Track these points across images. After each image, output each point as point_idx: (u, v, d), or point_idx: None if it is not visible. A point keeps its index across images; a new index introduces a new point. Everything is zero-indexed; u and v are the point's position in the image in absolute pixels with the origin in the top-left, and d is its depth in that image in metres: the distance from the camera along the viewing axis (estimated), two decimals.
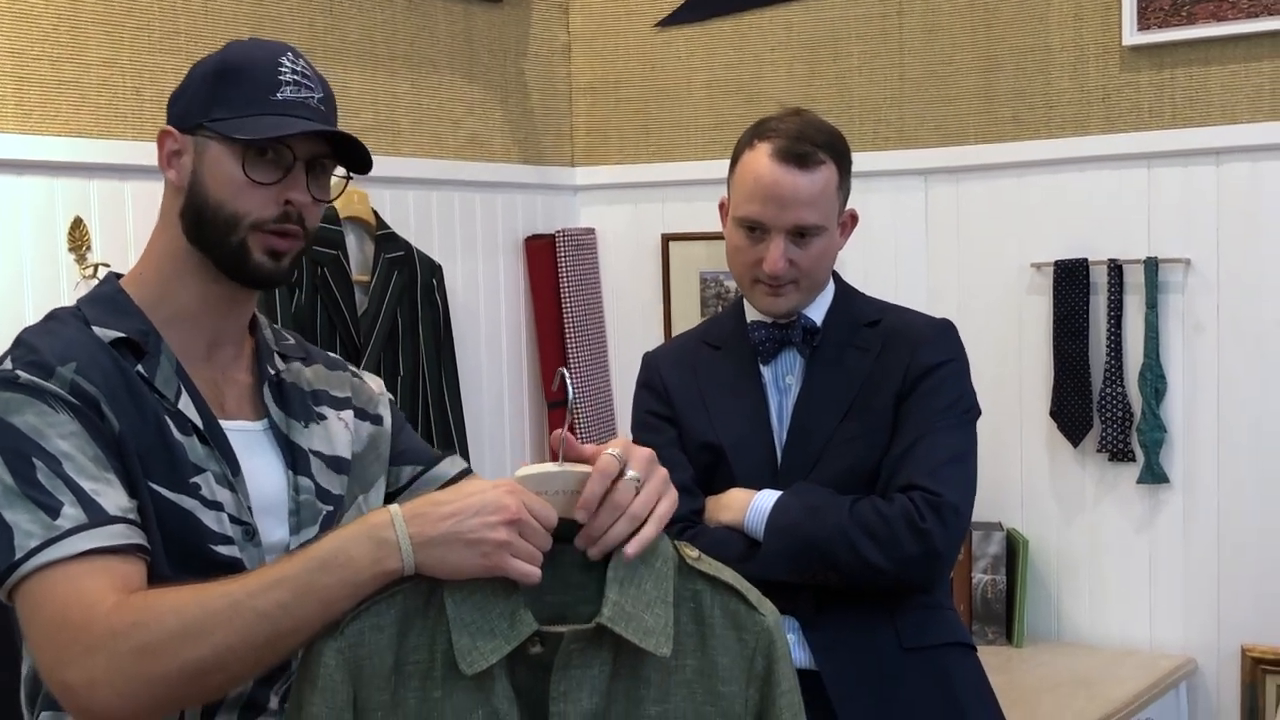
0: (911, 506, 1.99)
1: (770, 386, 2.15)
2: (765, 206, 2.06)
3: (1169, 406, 3.20)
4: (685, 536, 2.05)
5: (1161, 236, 3.20)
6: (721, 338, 2.22)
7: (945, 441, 2.06)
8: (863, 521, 1.99)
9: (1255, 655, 3.10)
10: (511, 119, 3.67)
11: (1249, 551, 3.14)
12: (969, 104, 3.40)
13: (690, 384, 2.18)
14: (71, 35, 2.70)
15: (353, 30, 3.24)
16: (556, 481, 1.41)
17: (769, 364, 2.16)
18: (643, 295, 3.80)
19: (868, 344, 2.13)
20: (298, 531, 1.59)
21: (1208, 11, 3.09)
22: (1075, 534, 3.33)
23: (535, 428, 3.74)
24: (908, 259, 3.48)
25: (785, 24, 3.60)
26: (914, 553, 1.98)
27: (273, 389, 1.65)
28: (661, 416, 2.18)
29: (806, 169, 2.07)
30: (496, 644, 1.33)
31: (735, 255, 2.14)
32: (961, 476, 2.07)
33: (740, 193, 2.11)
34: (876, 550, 1.98)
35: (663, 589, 1.38)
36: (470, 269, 3.54)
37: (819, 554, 2.00)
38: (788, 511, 2.02)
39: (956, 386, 2.12)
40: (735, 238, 2.12)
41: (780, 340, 2.15)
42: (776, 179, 2.06)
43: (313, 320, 3.04)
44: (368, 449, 1.71)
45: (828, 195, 2.10)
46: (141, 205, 2.80)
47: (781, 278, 2.08)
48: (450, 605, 1.35)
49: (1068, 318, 3.26)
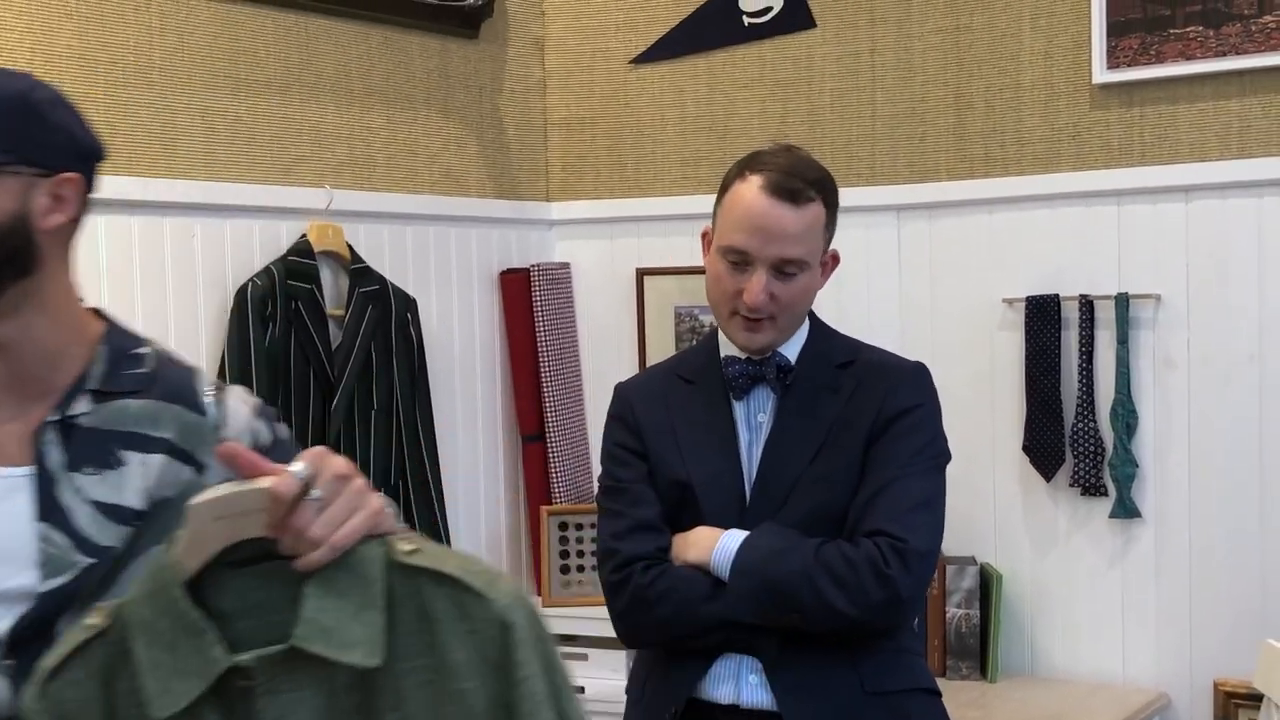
0: (877, 552, 1.98)
1: (741, 424, 2.15)
2: (751, 237, 2.05)
3: (1140, 441, 3.21)
4: (650, 573, 2.06)
5: (1132, 272, 3.22)
6: (694, 371, 2.21)
7: (914, 487, 2.05)
8: (828, 565, 1.98)
9: (1227, 689, 3.11)
10: (487, 154, 3.68)
11: (1221, 585, 3.15)
12: (941, 141, 3.43)
13: (661, 418, 2.17)
14: (45, 69, 2.70)
15: (328, 65, 3.24)
16: (240, 503, 1.29)
17: (741, 400, 2.15)
18: (618, 329, 3.80)
19: (840, 385, 2.12)
20: (45, 580, 1.52)
21: (1176, 50, 3.12)
22: (1048, 568, 3.34)
23: (510, 462, 3.73)
24: (880, 294, 3.50)
25: (758, 61, 3.62)
26: (878, 599, 1.97)
27: (59, 432, 1.57)
28: (631, 450, 2.17)
29: (796, 204, 2.06)
30: (190, 684, 1.25)
31: (716, 285, 2.12)
32: (929, 522, 2.06)
33: (727, 222, 2.10)
34: (840, 595, 1.97)
35: (370, 594, 1.28)
36: (445, 303, 3.54)
37: (783, 596, 1.99)
38: (753, 552, 2.01)
39: (927, 431, 2.11)
40: (717, 267, 2.11)
41: (753, 376, 2.14)
42: (765, 211, 2.05)
43: (286, 354, 3.03)
44: (180, 496, 1.53)
45: (814, 233, 2.09)
46: (115, 239, 2.80)
47: (761, 311, 2.07)
48: (139, 649, 1.27)
49: (1039, 353, 3.28)
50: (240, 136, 3.05)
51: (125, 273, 2.82)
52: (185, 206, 2.92)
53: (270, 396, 2.98)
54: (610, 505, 2.16)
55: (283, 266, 3.04)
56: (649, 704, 2.13)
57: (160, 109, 2.89)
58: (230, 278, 3.00)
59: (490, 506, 3.67)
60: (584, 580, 3.57)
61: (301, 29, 3.18)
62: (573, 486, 3.71)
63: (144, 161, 2.85)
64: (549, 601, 3.55)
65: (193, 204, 2.93)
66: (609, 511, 2.16)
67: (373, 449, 3.20)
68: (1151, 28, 3.14)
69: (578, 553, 3.58)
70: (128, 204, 2.82)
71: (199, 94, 2.96)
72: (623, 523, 2.12)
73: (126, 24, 2.83)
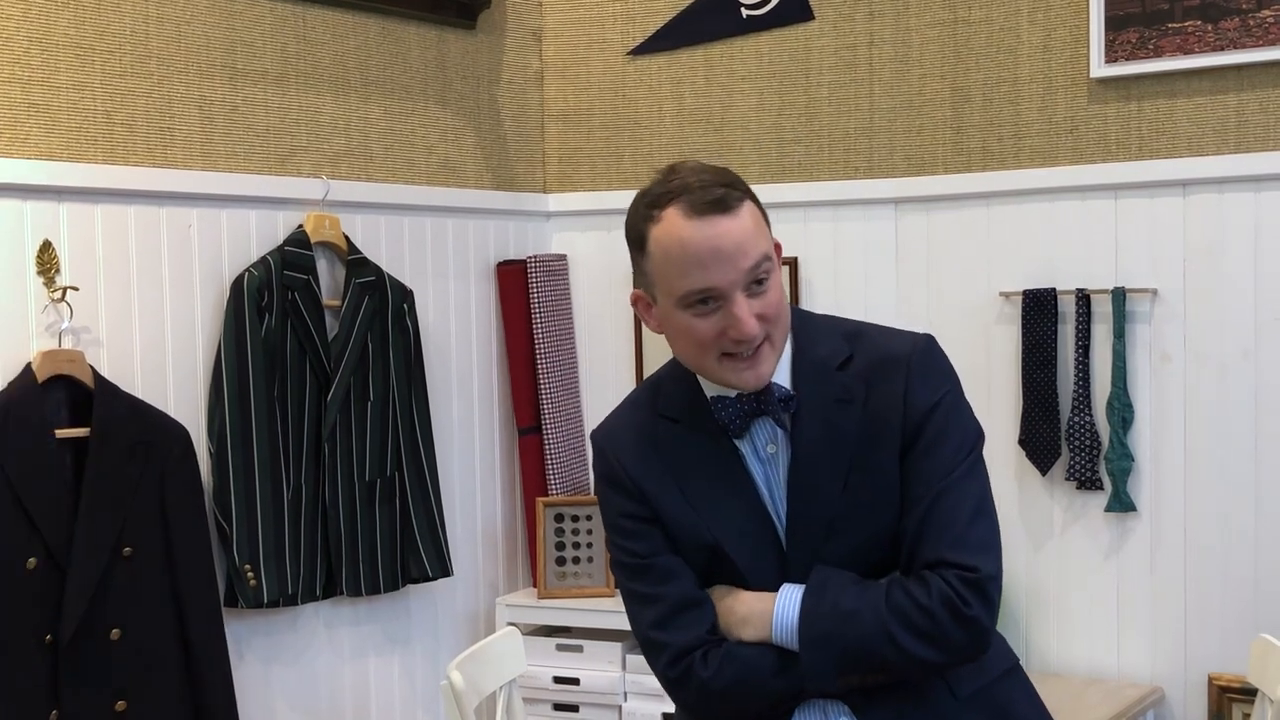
0: (950, 591, 1.82)
1: (751, 459, 1.92)
2: (709, 271, 1.79)
3: (1136, 435, 3.22)
4: (711, 663, 1.88)
5: (1129, 267, 3.22)
6: (678, 409, 1.95)
7: (964, 497, 1.88)
8: (904, 617, 1.82)
9: (1222, 684, 3.12)
10: (484, 145, 3.68)
11: (1216, 580, 3.16)
12: (939, 134, 3.43)
13: (660, 471, 1.93)
14: (43, 58, 2.70)
15: (325, 55, 3.24)
16: None
17: (742, 437, 1.92)
18: (614, 321, 3.80)
19: (850, 392, 1.90)
20: None
21: (1174, 45, 3.12)
22: (1043, 562, 3.35)
23: (505, 453, 3.73)
24: (878, 287, 3.50)
25: (756, 54, 3.62)
26: (962, 640, 1.84)
27: None
28: (640, 519, 1.94)
29: (730, 211, 1.81)
30: None
31: (688, 338, 1.85)
32: (988, 533, 1.90)
33: (671, 271, 1.82)
34: (924, 646, 1.82)
35: None
36: (441, 294, 3.53)
37: (864, 660, 1.83)
38: (820, 621, 1.84)
39: (958, 423, 1.93)
40: (682, 321, 1.84)
41: (750, 413, 1.90)
42: (706, 235, 1.79)
43: (283, 344, 3.03)
44: None
45: (760, 229, 1.85)
46: (111, 228, 2.80)
47: (756, 338, 1.83)
48: None
49: (1036, 347, 3.28)
50: (237, 126, 3.04)
51: (122, 262, 2.82)
52: (182, 196, 2.92)
53: (266, 387, 2.98)
54: (637, 588, 1.94)
55: (279, 257, 3.03)
56: None
57: (157, 98, 2.88)
58: (227, 268, 3.00)
59: (486, 498, 3.67)
60: (580, 572, 3.57)
61: (299, 19, 3.17)
62: (569, 478, 3.71)
63: (141, 151, 2.85)
64: (544, 594, 3.56)
65: (189, 194, 2.93)
66: (638, 596, 1.94)
67: (369, 440, 3.20)
68: (1150, 22, 3.14)
69: (573, 545, 3.59)
70: (124, 193, 2.82)
71: (196, 84, 2.96)
72: (660, 609, 1.91)
73: (124, 13, 2.83)
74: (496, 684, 2.65)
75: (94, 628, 2.61)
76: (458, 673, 2.46)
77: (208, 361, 2.96)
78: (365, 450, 3.19)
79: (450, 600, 3.53)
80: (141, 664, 2.68)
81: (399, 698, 3.40)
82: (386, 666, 3.37)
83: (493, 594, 3.66)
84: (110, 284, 2.80)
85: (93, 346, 2.75)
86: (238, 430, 2.93)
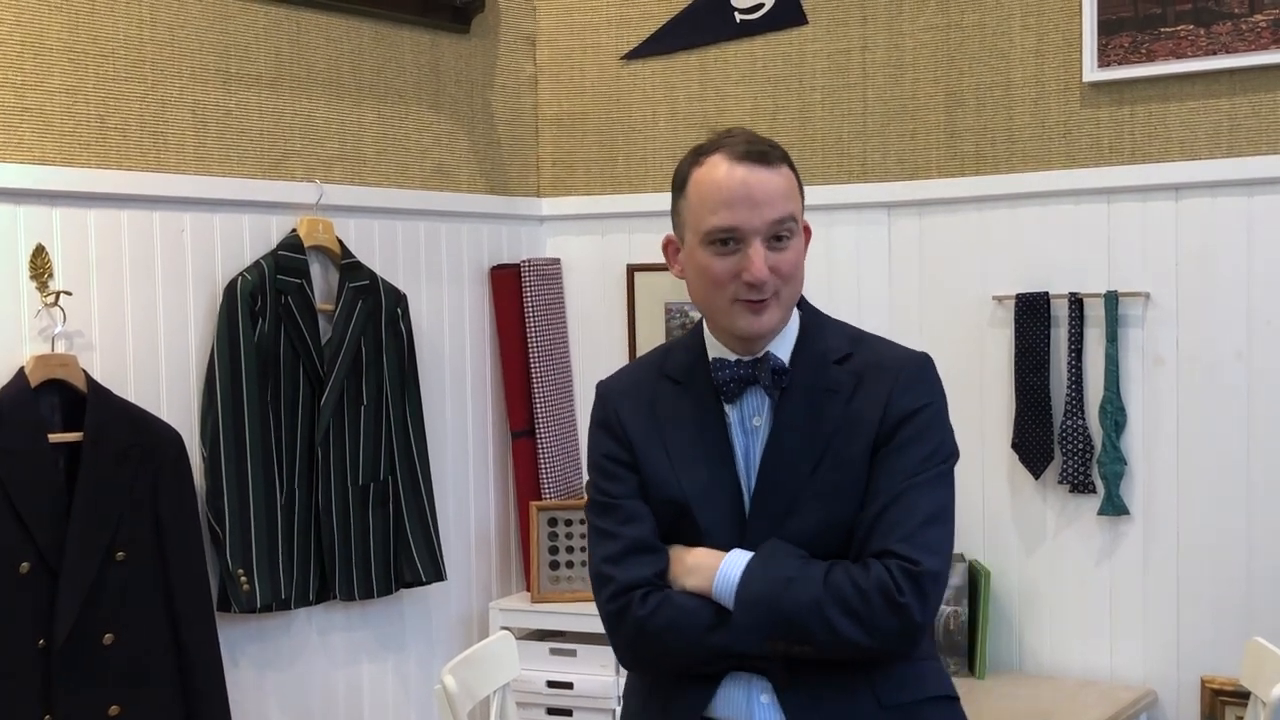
0: (889, 577, 1.87)
1: (735, 428, 2.01)
2: (736, 211, 1.92)
3: (1129, 439, 3.22)
4: (649, 603, 1.95)
5: (1121, 270, 3.23)
6: (681, 371, 2.06)
7: (922, 502, 1.93)
8: (838, 595, 1.88)
9: (1214, 686, 3.12)
10: (478, 149, 3.68)
11: (1208, 582, 3.16)
12: (932, 138, 3.44)
13: (650, 424, 2.03)
14: (36, 62, 2.69)
15: (319, 60, 3.24)
16: None
17: (733, 404, 2.01)
18: (608, 325, 3.80)
19: (840, 385, 1.99)
20: None
21: (1167, 49, 3.13)
22: (1036, 565, 3.35)
23: (499, 458, 3.73)
24: (871, 291, 3.50)
25: (750, 58, 3.63)
26: (891, 627, 1.88)
27: None
28: (620, 462, 2.04)
29: (769, 165, 1.95)
30: None
31: (705, 277, 1.97)
32: (940, 538, 1.94)
33: (703, 207, 1.96)
34: (853, 626, 1.87)
35: None
36: (435, 298, 3.53)
37: (793, 628, 1.89)
38: (758, 582, 1.90)
39: (935, 434, 1.98)
40: (702, 259, 1.97)
41: (745, 380, 2.00)
42: (743, 179, 1.93)
43: (276, 349, 3.03)
44: None
45: (794, 192, 1.98)
46: (104, 233, 2.79)
47: (766, 286, 1.92)
48: None
49: (1029, 350, 3.29)
50: (230, 130, 3.04)
51: (115, 266, 2.82)
52: (175, 200, 2.92)
53: (260, 391, 2.98)
54: (602, 524, 2.03)
55: (273, 261, 3.03)
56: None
57: (151, 102, 2.88)
58: (220, 272, 3.00)
59: (480, 502, 3.67)
60: (573, 576, 3.57)
61: (292, 23, 3.17)
62: (562, 482, 3.71)
63: (134, 155, 2.85)
64: (538, 597, 3.55)
65: (183, 198, 2.93)
66: (600, 531, 2.03)
67: (362, 444, 3.20)
68: (1143, 26, 3.14)
69: (567, 549, 3.58)
70: (117, 198, 2.81)
71: (190, 88, 2.96)
72: (616, 545, 1.99)
73: (117, 17, 2.82)
74: (490, 688, 2.65)
75: (87, 632, 2.61)
76: (451, 677, 2.46)
77: (201, 366, 2.96)
78: (359, 454, 3.19)
79: (444, 604, 3.53)
80: (135, 668, 2.68)
81: (392, 702, 3.40)
82: (380, 671, 3.36)
83: (486, 598, 3.66)
84: (103, 288, 2.80)
85: (86, 351, 2.75)
86: (231, 434, 2.93)
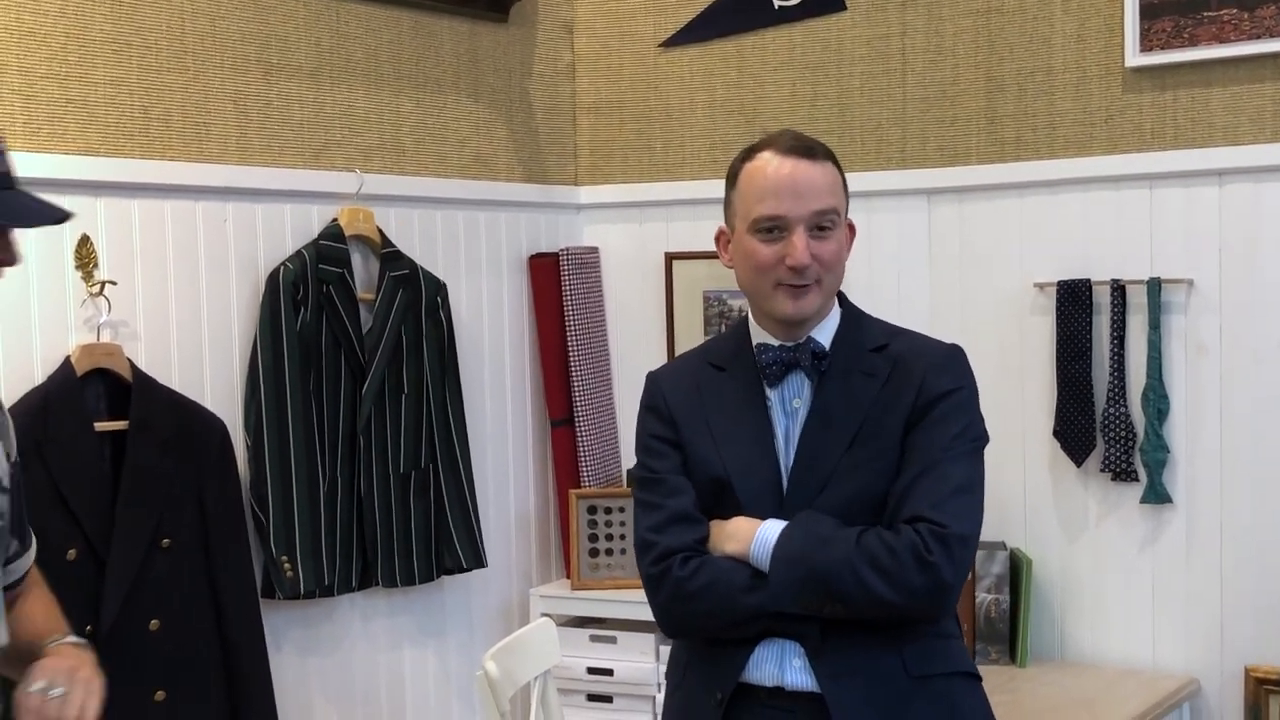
0: (918, 539, 1.97)
1: (776, 409, 2.12)
2: (782, 200, 2.06)
3: (1172, 426, 3.20)
4: (689, 566, 2.05)
5: (1164, 257, 3.21)
6: (725, 358, 2.19)
7: (953, 472, 2.03)
8: (869, 554, 1.97)
9: (1258, 675, 3.10)
10: (516, 138, 3.68)
11: (1252, 571, 3.14)
12: (972, 124, 3.42)
13: (695, 406, 2.15)
14: (80, 54, 2.72)
15: (359, 50, 3.25)
16: None
17: (775, 387, 2.13)
18: (646, 314, 3.81)
19: (875, 369, 2.11)
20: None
21: (1210, 34, 3.10)
22: (1078, 554, 3.33)
23: (538, 446, 3.74)
24: (911, 278, 3.49)
25: (788, 44, 3.62)
26: (920, 585, 1.97)
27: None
28: (666, 440, 2.16)
29: (815, 160, 2.10)
30: None
31: (751, 262, 2.10)
32: (968, 507, 2.05)
33: (751, 197, 2.10)
34: (883, 583, 1.96)
35: None
36: (474, 287, 3.55)
37: (825, 586, 1.98)
38: (793, 542, 2.01)
39: (965, 415, 2.09)
40: (749, 245, 2.10)
41: (787, 363, 2.12)
42: (790, 171, 2.07)
43: (317, 338, 3.05)
44: None
45: (838, 186, 2.12)
46: (148, 223, 2.82)
47: (808, 272, 2.06)
48: None
49: (1071, 338, 3.27)
50: (272, 121, 3.06)
51: (159, 256, 2.84)
52: (218, 190, 2.94)
53: (301, 380, 3.00)
54: (647, 497, 2.15)
55: (314, 250, 3.05)
56: (691, 690, 2.13)
57: (193, 93, 2.90)
58: (262, 262, 3.02)
59: (520, 490, 3.68)
60: (613, 564, 3.58)
61: (332, 13, 3.19)
62: (601, 470, 3.72)
63: (176, 145, 2.87)
64: (578, 585, 3.57)
65: (225, 188, 2.95)
66: (645, 504, 2.15)
67: (403, 432, 3.21)
68: (1185, 10, 3.12)
69: (606, 536, 3.60)
70: (161, 188, 2.84)
71: (231, 79, 2.98)
72: (660, 515, 2.11)
73: (159, 9, 2.85)
74: (531, 675, 2.66)
75: (133, 618, 2.63)
76: (493, 663, 2.48)
77: (244, 354, 2.98)
78: (400, 442, 3.21)
79: (484, 591, 3.55)
80: (180, 654, 2.71)
81: (434, 688, 3.42)
82: (421, 657, 3.39)
83: (526, 585, 3.68)
84: (147, 278, 2.82)
85: (130, 340, 2.77)
86: (274, 423, 2.95)
